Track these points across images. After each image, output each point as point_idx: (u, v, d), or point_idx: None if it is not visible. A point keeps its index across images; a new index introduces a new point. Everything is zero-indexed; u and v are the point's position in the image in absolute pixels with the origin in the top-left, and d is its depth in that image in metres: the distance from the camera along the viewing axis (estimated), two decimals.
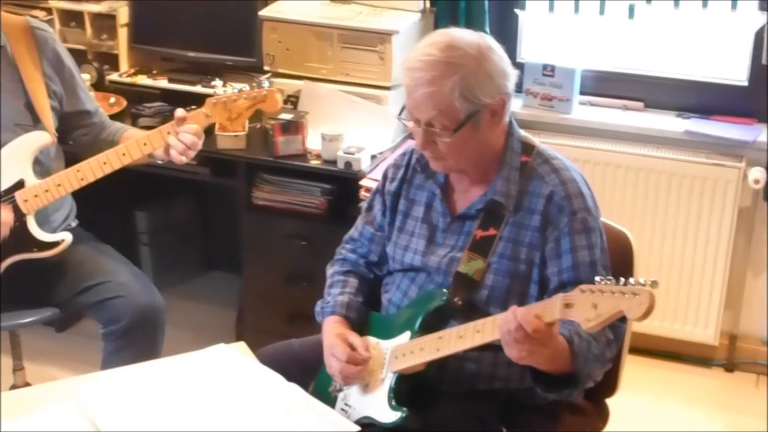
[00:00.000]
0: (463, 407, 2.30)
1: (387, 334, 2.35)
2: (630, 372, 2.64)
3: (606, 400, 2.58)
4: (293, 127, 3.42)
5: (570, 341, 2.10)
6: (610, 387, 2.54)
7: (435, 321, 2.28)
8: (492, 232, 2.29)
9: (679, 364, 3.94)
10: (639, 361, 3.81)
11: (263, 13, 3.70)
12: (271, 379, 2.25)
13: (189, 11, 3.91)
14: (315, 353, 2.45)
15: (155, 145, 2.91)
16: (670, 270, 3.79)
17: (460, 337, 2.16)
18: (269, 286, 3.63)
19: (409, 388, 2.29)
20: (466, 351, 2.17)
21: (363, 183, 3.31)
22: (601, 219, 2.34)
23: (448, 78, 2.17)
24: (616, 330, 2.23)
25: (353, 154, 3.34)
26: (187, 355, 2.37)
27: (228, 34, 3.86)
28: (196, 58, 3.92)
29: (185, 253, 4.55)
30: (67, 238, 2.97)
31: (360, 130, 3.45)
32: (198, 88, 3.81)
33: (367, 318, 2.47)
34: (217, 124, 3.32)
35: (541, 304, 2.02)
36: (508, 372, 2.29)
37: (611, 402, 2.59)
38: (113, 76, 3.97)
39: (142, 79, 3.94)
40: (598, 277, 1.91)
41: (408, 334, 2.30)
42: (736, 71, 3.74)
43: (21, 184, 2.91)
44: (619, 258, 2.43)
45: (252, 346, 2.45)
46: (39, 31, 3.04)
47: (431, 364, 2.24)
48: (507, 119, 2.32)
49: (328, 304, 2.47)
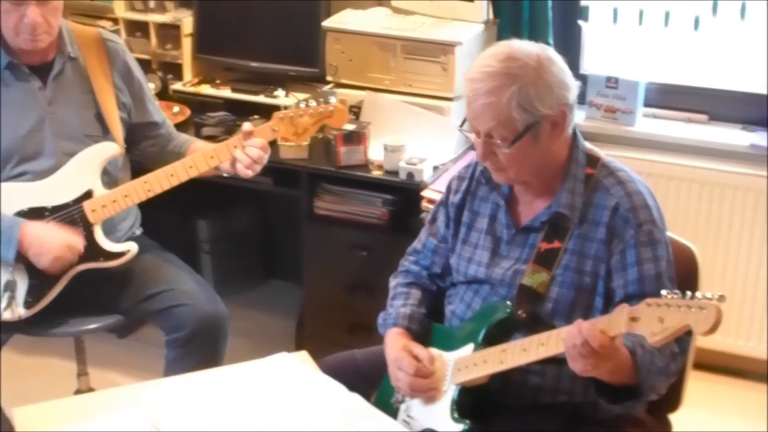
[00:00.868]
0: (526, 420, 2.29)
1: (450, 346, 2.35)
2: (693, 387, 2.60)
3: (669, 415, 2.55)
4: (355, 138, 3.43)
5: (633, 352, 2.10)
6: (673, 402, 2.51)
7: (498, 333, 2.28)
8: (557, 244, 2.28)
9: (743, 380, 3.87)
10: (702, 377, 3.74)
11: (327, 23, 3.72)
12: (333, 389, 2.25)
13: (252, 21, 3.94)
14: (377, 364, 2.46)
15: (222, 158, 2.94)
16: (733, 284, 3.73)
17: (524, 350, 2.15)
18: (329, 296, 3.63)
19: (471, 401, 2.28)
20: (530, 364, 2.17)
21: (424, 194, 3.31)
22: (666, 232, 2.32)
23: (506, 88, 2.17)
24: (682, 343, 2.21)
25: (415, 164, 3.34)
26: (250, 363, 2.38)
27: (291, 45, 3.88)
28: (259, 68, 3.94)
29: (246, 262, 4.56)
30: (133, 248, 3.00)
31: (422, 140, 3.45)
32: (261, 98, 3.83)
33: (429, 330, 2.47)
34: None
35: (607, 317, 2.02)
36: (572, 385, 2.28)
37: (674, 417, 2.56)
38: (177, 86, 4.01)
39: (206, 89, 3.99)
40: (664, 291, 1.90)
41: (471, 346, 2.30)
42: None
43: (89, 194, 2.95)
44: (684, 272, 2.40)
45: (312, 356, 2.46)
46: (111, 43, 3.09)
47: (494, 377, 2.24)
48: (570, 131, 2.31)
49: (391, 315, 2.48)
